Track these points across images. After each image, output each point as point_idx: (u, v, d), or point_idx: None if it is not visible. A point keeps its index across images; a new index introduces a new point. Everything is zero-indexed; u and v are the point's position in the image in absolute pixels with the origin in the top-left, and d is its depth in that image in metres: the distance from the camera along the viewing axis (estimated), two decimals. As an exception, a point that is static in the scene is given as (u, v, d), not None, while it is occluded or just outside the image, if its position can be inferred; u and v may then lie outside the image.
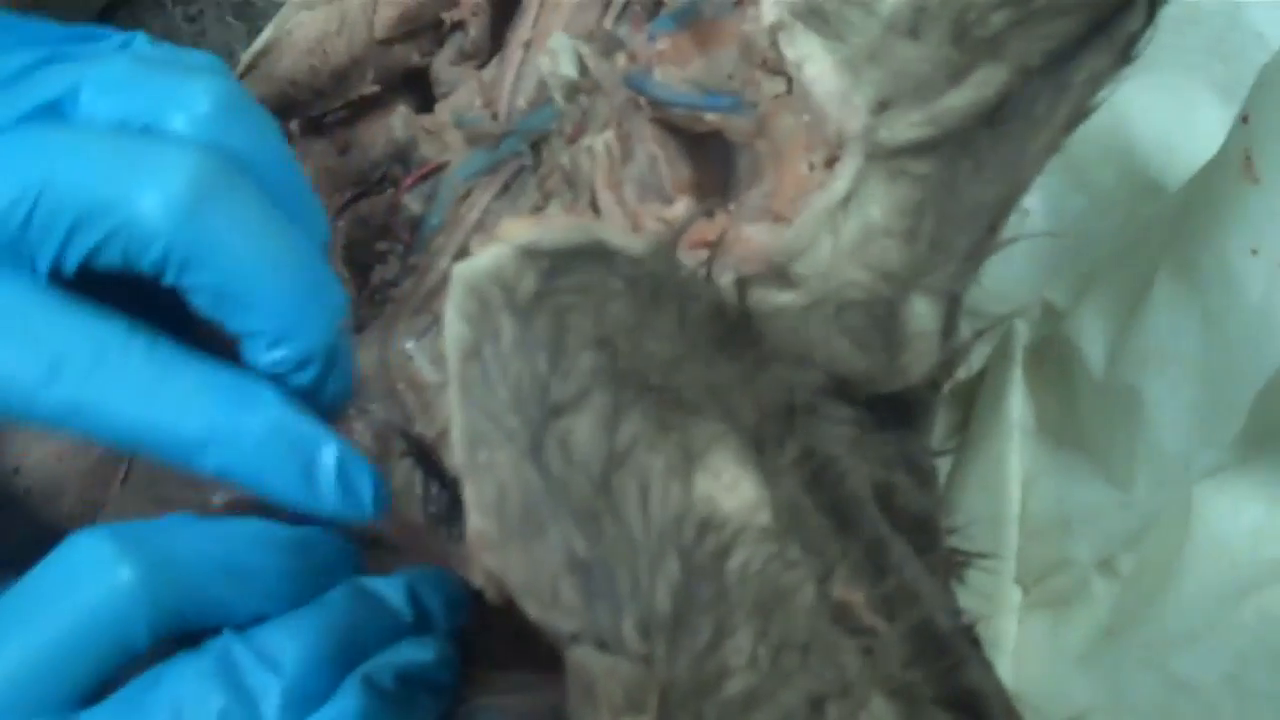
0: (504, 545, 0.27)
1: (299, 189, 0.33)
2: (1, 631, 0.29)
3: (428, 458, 0.35)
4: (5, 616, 0.29)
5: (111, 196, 0.30)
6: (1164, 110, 0.48)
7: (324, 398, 0.34)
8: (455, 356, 0.29)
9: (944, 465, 0.46)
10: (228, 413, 0.31)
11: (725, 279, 0.31)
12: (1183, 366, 0.42)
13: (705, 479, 0.28)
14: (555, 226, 0.30)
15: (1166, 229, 0.43)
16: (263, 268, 0.31)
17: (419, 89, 0.45)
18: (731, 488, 0.28)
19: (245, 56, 0.41)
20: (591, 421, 0.28)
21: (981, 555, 0.32)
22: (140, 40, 0.35)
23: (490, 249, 0.30)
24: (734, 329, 0.31)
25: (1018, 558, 0.46)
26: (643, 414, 0.28)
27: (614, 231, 0.31)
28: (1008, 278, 0.47)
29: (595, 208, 0.35)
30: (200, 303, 0.32)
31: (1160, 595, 0.41)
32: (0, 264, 0.31)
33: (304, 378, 0.33)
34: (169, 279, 0.31)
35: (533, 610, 0.27)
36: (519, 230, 0.30)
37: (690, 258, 0.32)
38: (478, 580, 0.29)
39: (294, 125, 0.42)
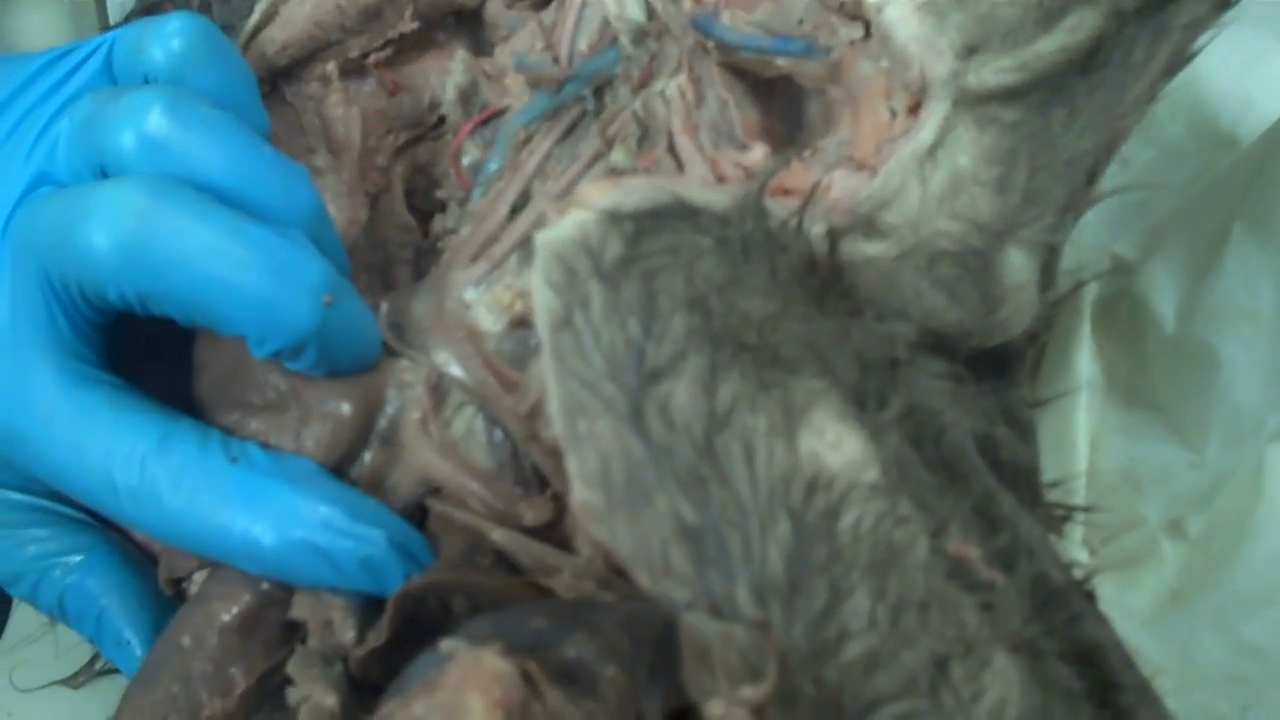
0: (610, 516, 0.27)
1: (261, 166, 0.34)
2: None
3: (488, 405, 0.35)
4: None
5: (64, 254, 0.32)
6: (1233, 62, 0.48)
7: (340, 367, 0.35)
8: (546, 327, 0.29)
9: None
10: (247, 525, 0.32)
11: (816, 230, 0.32)
12: (1257, 324, 0.42)
13: (809, 437, 0.28)
14: (636, 187, 0.31)
15: (1241, 183, 0.43)
16: (219, 283, 0.32)
17: (471, 30, 0.45)
18: (836, 445, 0.28)
19: (262, 4, 0.41)
20: (690, 384, 0.28)
21: (1085, 509, 0.32)
22: (118, 44, 0.37)
23: (572, 215, 0.30)
24: (826, 282, 0.32)
25: (1085, 518, 0.46)
26: (741, 374, 0.29)
27: (695, 188, 0.31)
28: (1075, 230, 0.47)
29: (674, 154, 0.35)
30: (180, 320, 0.33)
31: (1231, 558, 0.42)
32: (40, 360, 0.33)
33: (305, 362, 0.34)
34: (141, 312, 0.33)
35: (644, 580, 0.27)
36: (599, 194, 0.30)
37: (775, 208, 0.32)
38: (584, 550, 0.30)
39: (330, 67, 0.42)
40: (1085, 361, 0.46)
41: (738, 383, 0.29)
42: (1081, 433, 0.46)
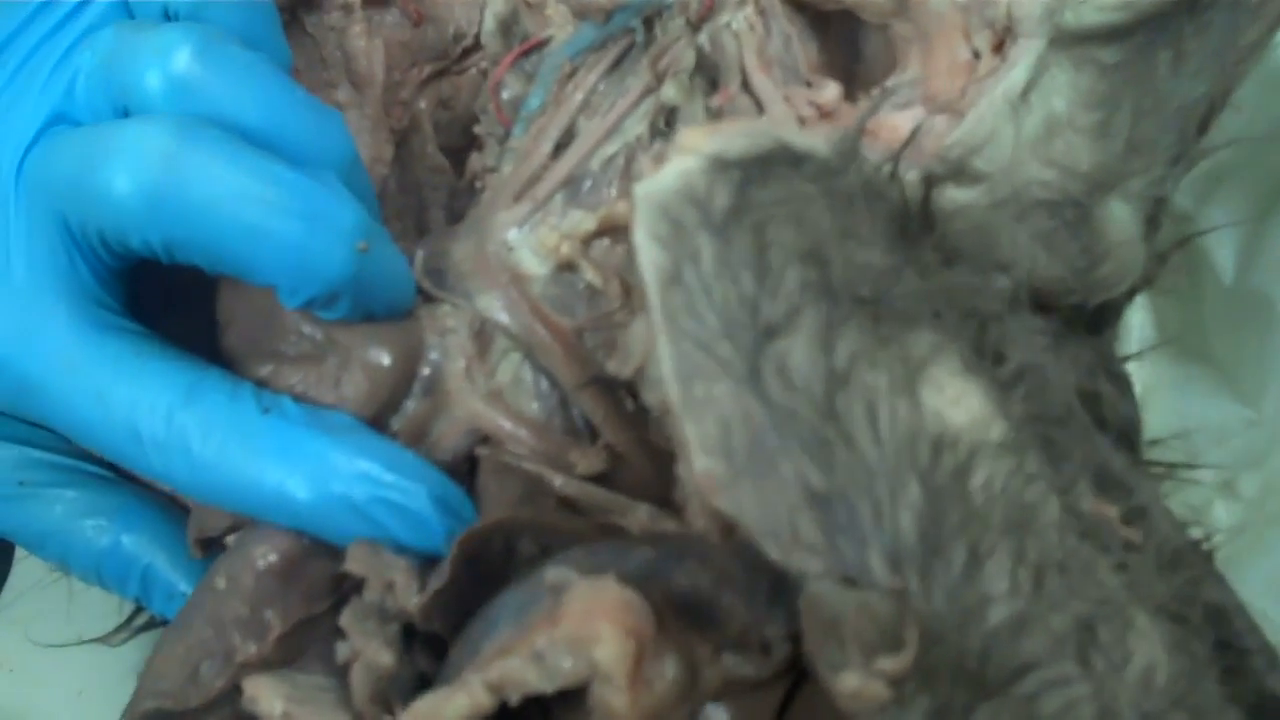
0: (734, 485, 0.27)
1: (294, 109, 0.33)
2: None
3: (535, 353, 0.35)
4: None
5: (84, 199, 0.31)
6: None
7: (375, 317, 0.34)
8: (655, 284, 0.28)
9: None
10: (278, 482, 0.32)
11: (910, 176, 0.31)
12: (1321, 275, 0.42)
13: (930, 393, 0.28)
14: (739, 132, 0.30)
15: (1306, 127, 0.43)
16: (250, 229, 0.31)
17: None
18: (957, 401, 0.28)
19: None
20: (807, 341, 0.28)
21: (1185, 466, 0.33)
22: None
23: (674, 163, 0.29)
24: (919, 231, 0.31)
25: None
26: (858, 328, 0.28)
27: (795, 133, 0.31)
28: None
29: (749, 92, 0.34)
30: (207, 269, 0.32)
31: (1286, 520, 0.42)
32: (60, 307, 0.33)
33: (338, 312, 0.33)
34: (165, 260, 0.32)
35: (773, 552, 0.27)
36: (700, 140, 0.29)
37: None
38: (699, 522, 0.29)
39: None
40: (1136, 313, 0.46)
41: (855, 338, 0.28)
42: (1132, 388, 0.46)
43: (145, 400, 0.32)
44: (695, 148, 0.29)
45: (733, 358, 0.28)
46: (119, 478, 0.38)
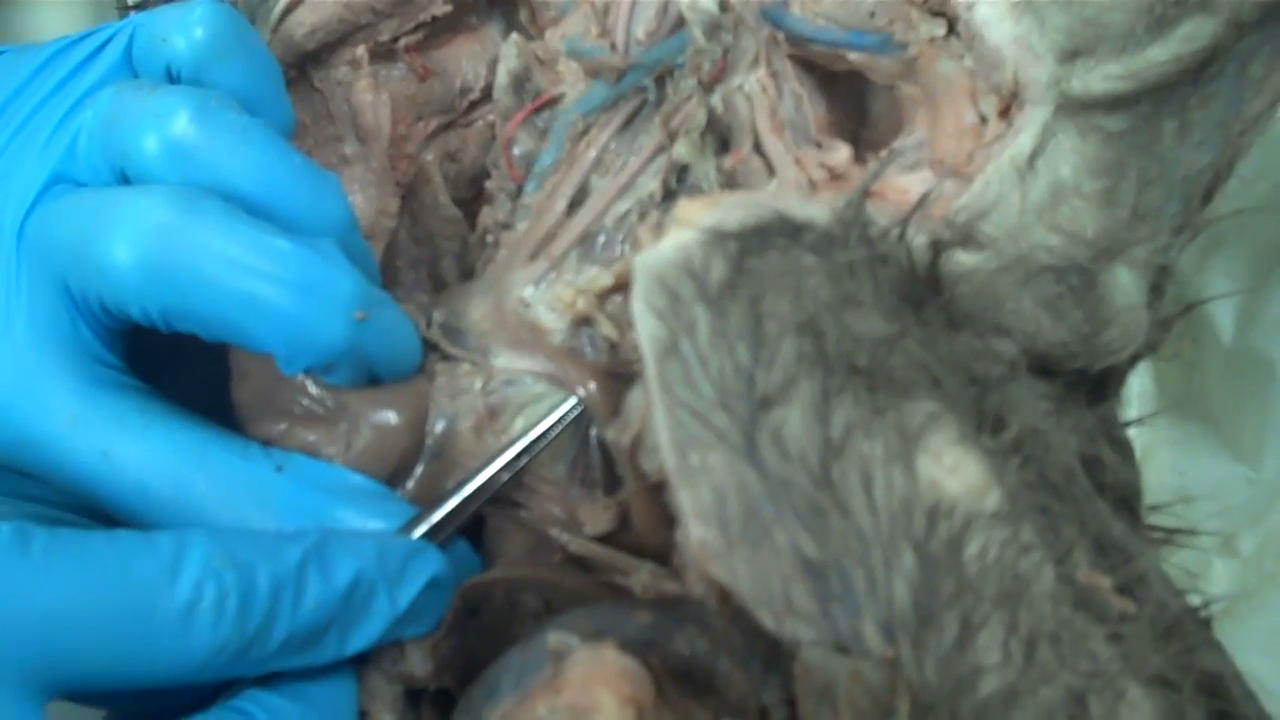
0: (729, 554, 0.29)
1: (290, 175, 0.35)
2: None
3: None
4: None
5: (84, 268, 0.34)
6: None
7: (380, 378, 0.36)
8: (651, 355, 0.30)
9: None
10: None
11: (918, 241, 0.34)
12: (1322, 335, 0.45)
13: (927, 462, 0.30)
14: (737, 204, 0.32)
15: (1309, 185, 0.45)
16: (246, 301, 0.33)
17: (504, 13, 0.47)
18: (954, 470, 0.30)
19: None
20: (803, 411, 0.30)
21: (1184, 532, 0.35)
22: (139, 32, 0.37)
23: (672, 235, 0.31)
24: (924, 295, 0.33)
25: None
26: (854, 398, 0.30)
27: (795, 202, 0.33)
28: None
29: (761, 154, 0.37)
30: (205, 338, 0.34)
31: (1285, 578, 0.44)
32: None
33: (338, 378, 0.36)
34: (164, 328, 0.34)
35: (767, 620, 0.29)
36: (698, 212, 0.32)
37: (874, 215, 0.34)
38: (697, 589, 0.32)
39: (360, 51, 0.43)
40: (1136, 371, 0.48)
41: (851, 408, 0.30)
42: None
43: (153, 460, 0.34)
44: (693, 220, 0.31)
45: (728, 427, 0.30)
46: None
